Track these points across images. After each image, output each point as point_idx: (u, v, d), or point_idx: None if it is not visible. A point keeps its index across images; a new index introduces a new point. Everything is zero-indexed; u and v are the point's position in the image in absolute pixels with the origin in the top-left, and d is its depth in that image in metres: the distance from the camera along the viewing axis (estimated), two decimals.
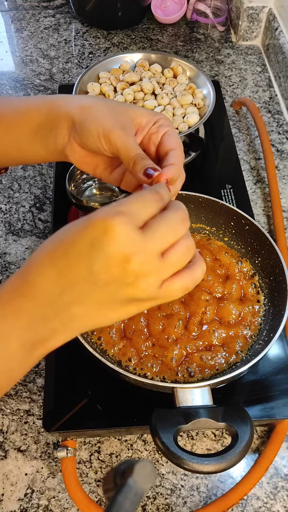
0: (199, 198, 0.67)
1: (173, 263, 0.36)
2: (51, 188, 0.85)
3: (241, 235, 0.66)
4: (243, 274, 0.65)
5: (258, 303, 0.63)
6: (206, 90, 0.85)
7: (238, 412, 0.49)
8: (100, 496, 0.58)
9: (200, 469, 0.45)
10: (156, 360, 0.58)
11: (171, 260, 0.36)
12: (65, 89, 0.95)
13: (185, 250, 0.37)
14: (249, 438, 0.47)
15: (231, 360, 0.58)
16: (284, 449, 0.61)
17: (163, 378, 0.57)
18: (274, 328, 0.56)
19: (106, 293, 0.35)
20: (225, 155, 0.87)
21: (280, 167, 0.90)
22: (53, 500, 0.58)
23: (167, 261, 0.36)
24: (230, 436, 0.49)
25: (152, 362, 0.58)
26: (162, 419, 0.48)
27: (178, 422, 0.48)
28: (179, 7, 1.17)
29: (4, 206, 0.84)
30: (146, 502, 0.58)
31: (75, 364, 0.60)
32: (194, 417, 0.48)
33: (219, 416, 0.48)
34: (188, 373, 0.58)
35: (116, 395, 0.58)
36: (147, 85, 0.86)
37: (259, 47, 1.14)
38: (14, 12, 1.23)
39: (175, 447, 0.46)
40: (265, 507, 0.57)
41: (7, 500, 0.58)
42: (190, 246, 0.37)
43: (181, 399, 0.50)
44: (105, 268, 0.34)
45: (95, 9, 1.15)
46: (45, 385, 0.60)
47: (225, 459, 0.46)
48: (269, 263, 0.62)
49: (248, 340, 0.60)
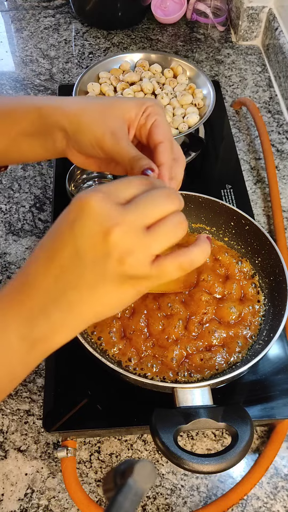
0: (199, 198, 0.67)
1: (161, 238, 0.35)
2: (51, 188, 0.85)
3: (241, 235, 0.66)
4: (243, 274, 0.65)
5: (258, 303, 0.63)
6: (206, 90, 0.85)
7: (238, 412, 0.49)
8: (100, 496, 0.58)
9: (200, 469, 0.45)
10: (156, 360, 0.58)
11: (158, 234, 0.35)
12: (65, 89, 0.95)
13: (174, 225, 0.35)
14: (249, 438, 0.47)
15: (231, 360, 0.58)
16: (284, 449, 0.61)
17: (163, 378, 0.57)
18: (274, 328, 0.56)
19: (96, 273, 0.35)
20: (225, 155, 0.87)
21: (280, 167, 0.90)
22: (53, 500, 0.58)
23: (153, 235, 0.35)
24: (230, 436, 0.49)
25: (152, 362, 0.58)
26: (162, 419, 0.48)
27: (178, 422, 0.48)
28: (179, 7, 1.17)
29: (4, 206, 0.84)
30: (146, 502, 0.58)
31: (75, 364, 0.60)
32: (194, 417, 0.48)
33: (219, 416, 0.48)
34: (188, 373, 0.58)
35: (116, 395, 0.58)
36: (147, 85, 0.86)
37: (259, 47, 1.14)
38: (14, 12, 1.23)
39: (175, 447, 0.46)
40: (265, 507, 0.58)
41: (7, 500, 0.58)
42: (179, 222, 0.36)
43: (181, 399, 0.50)
44: (88, 245, 0.34)
45: (95, 9, 1.15)
46: (45, 385, 0.60)
47: (225, 459, 0.46)
48: (269, 263, 0.62)
49: (248, 340, 0.60)
